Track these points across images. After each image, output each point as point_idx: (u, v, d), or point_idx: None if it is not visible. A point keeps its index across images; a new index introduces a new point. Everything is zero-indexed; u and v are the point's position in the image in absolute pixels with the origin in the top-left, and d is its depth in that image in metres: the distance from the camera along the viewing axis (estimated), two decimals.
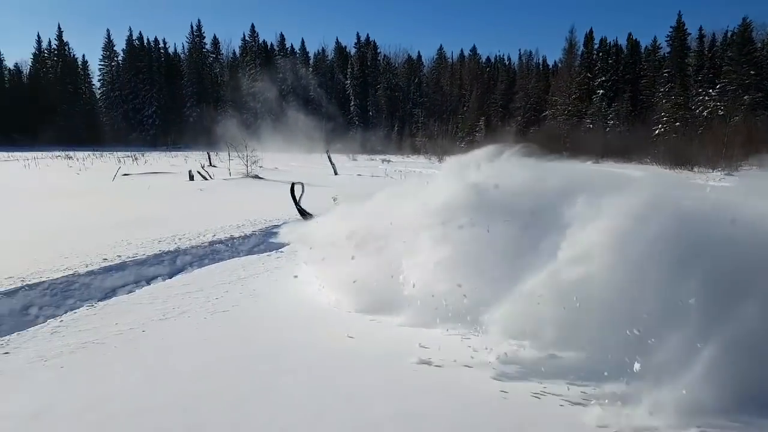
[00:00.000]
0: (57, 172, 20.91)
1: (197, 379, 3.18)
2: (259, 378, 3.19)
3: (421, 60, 72.05)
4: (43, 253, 6.18)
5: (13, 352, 3.59)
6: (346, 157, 36.83)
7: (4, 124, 56.02)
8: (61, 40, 64.37)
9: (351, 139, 52.64)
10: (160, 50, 67.84)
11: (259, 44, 68.94)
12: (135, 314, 4.41)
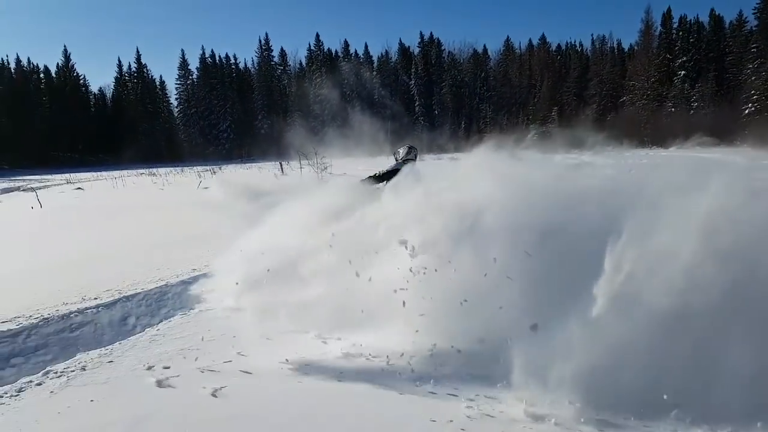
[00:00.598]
0: (143, 189, 22.27)
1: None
2: None
3: (487, 53, 70.93)
4: (139, 265, 6.60)
5: (117, 360, 3.87)
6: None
7: (91, 146, 60.84)
8: (140, 63, 68.86)
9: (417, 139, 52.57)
10: (231, 66, 71.02)
11: (324, 52, 70.55)
12: (226, 320, 4.63)
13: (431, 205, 4.08)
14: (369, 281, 3.78)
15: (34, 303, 5.11)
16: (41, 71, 63.98)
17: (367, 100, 63.09)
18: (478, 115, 62.37)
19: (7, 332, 4.45)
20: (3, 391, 3.38)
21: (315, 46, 71.50)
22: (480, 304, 3.39)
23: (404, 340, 3.61)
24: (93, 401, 3.20)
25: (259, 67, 71.22)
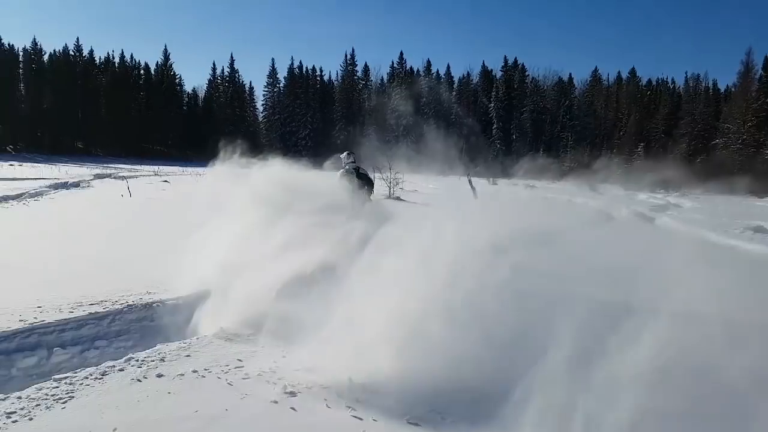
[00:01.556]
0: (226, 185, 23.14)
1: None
2: None
3: (573, 82, 69.31)
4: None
5: (194, 356, 3.98)
6: (486, 180, 36.20)
7: (179, 142, 64.54)
8: (233, 68, 72.81)
9: (492, 163, 51.92)
10: (316, 77, 73.54)
11: (406, 70, 71.51)
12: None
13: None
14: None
15: (122, 289, 5.40)
16: (142, 68, 68.80)
17: (443, 119, 63.02)
18: (558, 143, 60.77)
19: (95, 315, 4.71)
20: (88, 373, 3.55)
21: (398, 64, 72.69)
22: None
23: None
24: (170, 393, 3.30)
25: (342, 80, 73.23)
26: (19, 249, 7.43)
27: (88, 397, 3.21)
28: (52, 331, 4.36)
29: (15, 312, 4.50)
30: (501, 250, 4.59)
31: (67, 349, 4.28)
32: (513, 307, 3.53)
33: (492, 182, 35.61)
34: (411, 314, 3.52)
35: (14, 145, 53.43)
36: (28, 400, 3.09)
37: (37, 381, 3.62)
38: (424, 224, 4.77)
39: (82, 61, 63.98)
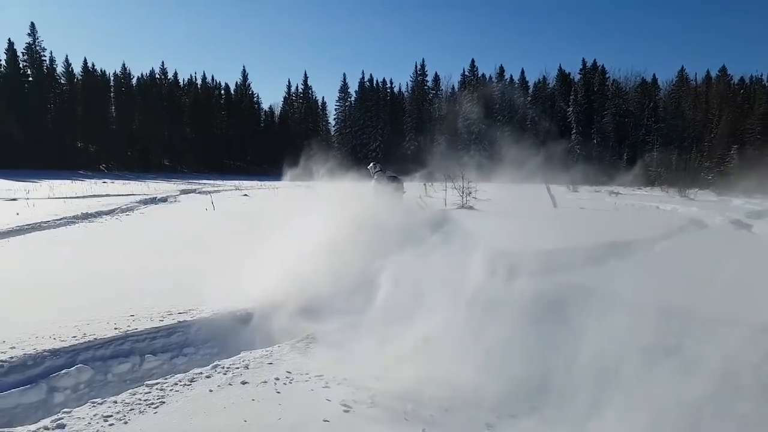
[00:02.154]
0: (298, 199, 23.76)
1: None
2: None
3: (657, 83, 65.74)
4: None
5: (276, 363, 4.04)
6: (566, 188, 34.90)
7: (258, 157, 67.38)
8: (306, 84, 75.64)
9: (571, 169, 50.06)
10: (387, 90, 74.50)
11: (477, 77, 70.80)
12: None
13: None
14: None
15: (207, 298, 5.59)
16: (222, 88, 72.71)
17: (517, 125, 61.76)
18: (643, 147, 57.62)
19: (183, 323, 4.89)
20: (177, 379, 3.68)
21: (469, 71, 72.12)
22: None
23: None
24: (254, 401, 3.35)
25: (412, 91, 73.71)
26: (113, 261, 7.91)
27: (178, 402, 3.32)
28: (144, 338, 4.57)
29: (110, 320, 4.76)
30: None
31: (158, 356, 4.46)
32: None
33: (572, 189, 34.15)
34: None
35: (107, 164, 57.81)
36: (123, 405, 3.23)
37: (131, 386, 3.80)
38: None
39: (167, 83, 68.50)
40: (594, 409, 3.04)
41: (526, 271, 7.72)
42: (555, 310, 4.67)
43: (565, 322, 4.15)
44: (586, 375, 3.28)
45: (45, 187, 27.50)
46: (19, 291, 5.88)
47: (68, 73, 61.27)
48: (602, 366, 3.64)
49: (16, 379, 3.72)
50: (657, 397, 3.07)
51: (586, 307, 5.48)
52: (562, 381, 3.45)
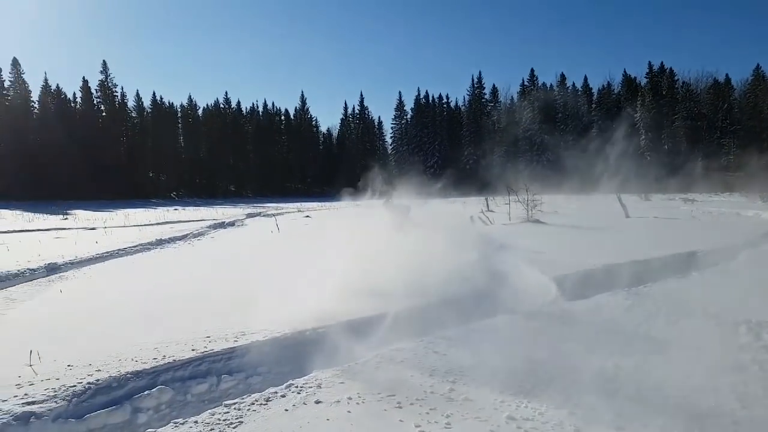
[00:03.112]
0: (356, 218, 23.84)
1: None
2: None
3: (730, 83, 62.10)
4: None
5: (347, 382, 4.01)
6: (637, 196, 33.33)
7: (317, 179, 68.88)
8: (363, 105, 77.21)
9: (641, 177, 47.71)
10: (443, 105, 74.54)
11: (537, 87, 69.46)
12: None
13: None
14: None
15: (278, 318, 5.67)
16: (282, 114, 75.21)
17: (582, 134, 59.81)
18: (719, 151, 54.31)
19: (256, 343, 4.97)
20: (254, 399, 3.73)
21: (529, 81, 70.91)
22: None
23: None
24: (328, 420, 3.33)
25: (469, 105, 73.28)
26: (186, 284, 8.23)
27: (255, 422, 3.35)
28: (220, 359, 4.68)
29: (187, 342, 4.92)
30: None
31: (234, 376, 4.54)
32: None
33: (644, 198, 32.54)
34: None
35: (177, 192, 60.80)
36: (204, 425, 3.30)
37: (209, 406, 3.88)
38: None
39: (231, 112, 71.56)
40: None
41: (595, 285, 7.42)
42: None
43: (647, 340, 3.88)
44: (676, 397, 3.03)
45: (121, 215, 29.22)
46: (101, 315, 6.21)
47: (139, 106, 65.45)
48: (692, 385, 3.39)
49: (102, 400, 3.89)
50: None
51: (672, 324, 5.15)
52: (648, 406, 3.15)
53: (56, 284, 8.67)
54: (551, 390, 3.75)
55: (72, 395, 3.78)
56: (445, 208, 27.21)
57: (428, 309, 6.26)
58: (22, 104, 55.51)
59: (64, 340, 5.15)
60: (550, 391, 3.72)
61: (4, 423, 3.34)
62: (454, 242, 10.80)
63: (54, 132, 53.14)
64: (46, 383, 3.96)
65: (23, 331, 5.58)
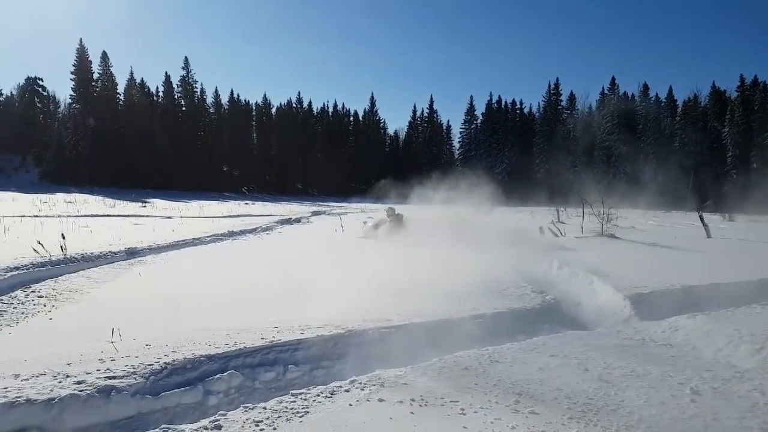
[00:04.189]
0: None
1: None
2: None
3: None
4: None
5: (410, 383, 3.99)
6: (720, 216, 31.30)
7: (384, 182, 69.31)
8: (432, 109, 76.71)
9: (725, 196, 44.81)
10: (516, 111, 73.07)
11: (618, 96, 66.57)
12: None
13: None
14: None
15: (340, 314, 5.75)
16: (351, 115, 76.33)
17: (664, 148, 56.85)
18: None
19: (321, 337, 5.07)
20: (319, 391, 3.80)
21: (609, 89, 68.10)
22: None
23: None
24: (391, 419, 3.33)
25: (544, 112, 71.30)
26: (256, 275, 8.51)
27: (321, 414, 3.41)
28: (287, 349, 4.80)
29: (257, 330, 5.09)
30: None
31: (299, 367, 4.65)
32: None
33: (727, 219, 30.38)
34: None
35: (247, 187, 63.01)
36: (272, 411, 3.39)
37: (276, 394, 3.99)
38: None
39: (302, 112, 73.44)
40: None
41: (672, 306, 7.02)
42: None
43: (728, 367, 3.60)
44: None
45: (195, 207, 30.66)
46: (176, 299, 6.53)
47: (216, 103, 68.54)
48: None
49: (177, 380, 4.08)
50: None
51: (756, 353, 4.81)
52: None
53: (135, 268, 9.20)
54: (621, 411, 3.58)
55: (150, 373, 3.99)
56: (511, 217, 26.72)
57: (493, 319, 6.16)
58: (109, 96, 59.67)
59: (142, 320, 5.46)
60: (621, 413, 3.56)
61: (88, 394, 3.56)
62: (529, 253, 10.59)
63: (136, 124, 56.67)
64: (126, 360, 4.20)
65: (105, 310, 5.96)
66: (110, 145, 55.23)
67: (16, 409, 3.30)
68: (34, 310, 5.99)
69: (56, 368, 3.93)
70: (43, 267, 8.36)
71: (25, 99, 66.23)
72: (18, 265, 8.00)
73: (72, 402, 3.47)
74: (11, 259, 8.25)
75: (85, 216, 19.81)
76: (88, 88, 58.97)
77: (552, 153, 64.52)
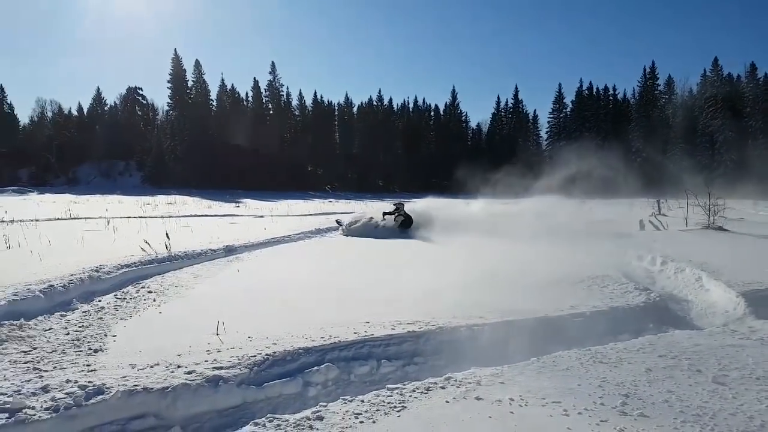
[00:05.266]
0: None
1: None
2: None
3: None
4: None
5: (507, 383, 3.90)
6: None
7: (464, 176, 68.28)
8: (517, 98, 74.00)
9: None
10: (608, 97, 69.27)
11: (722, 78, 61.17)
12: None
13: None
14: None
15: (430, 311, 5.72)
16: (432, 110, 75.68)
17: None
18: None
19: (412, 333, 5.06)
20: (414, 386, 3.81)
21: (711, 71, 62.74)
22: None
23: None
24: (491, 418, 3.26)
25: (639, 97, 66.98)
26: (344, 271, 8.71)
27: (418, 409, 3.41)
28: (379, 344, 4.85)
29: (349, 325, 5.18)
30: None
31: (392, 362, 4.68)
32: None
33: None
34: None
35: (330, 185, 64.44)
36: (370, 404, 3.44)
37: (371, 388, 4.04)
38: None
39: (383, 109, 73.91)
40: None
41: None
42: None
43: None
44: None
45: (283, 205, 31.84)
46: (272, 294, 6.81)
47: (301, 105, 70.82)
48: None
49: (278, 371, 4.24)
50: None
51: None
52: None
53: (233, 264, 9.66)
54: (741, 416, 3.30)
55: (253, 364, 4.17)
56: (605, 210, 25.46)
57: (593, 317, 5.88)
58: (203, 102, 63.33)
59: (243, 313, 5.72)
60: (740, 417, 3.27)
61: (198, 384, 3.78)
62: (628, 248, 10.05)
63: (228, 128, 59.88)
64: (230, 351, 4.42)
65: (208, 304, 6.31)
66: (205, 149, 58.76)
67: (135, 396, 3.56)
68: (144, 304, 6.45)
69: (168, 359, 4.20)
70: (150, 264, 9.00)
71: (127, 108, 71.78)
72: (128, 262, 8.64)
73: (184, 391, 3.69)
74: (122, 257, 8.94)
75: (185, 216, 21.12)
76: (184, 96, 63.06)
77: (649, 141, 60.45)
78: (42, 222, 16.37)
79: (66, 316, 6.00)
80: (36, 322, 5.66)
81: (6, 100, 66.87)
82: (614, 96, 69.40)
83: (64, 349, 4.55)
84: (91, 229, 14.31)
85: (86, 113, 70.20)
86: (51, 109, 69.77)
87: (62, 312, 6.12)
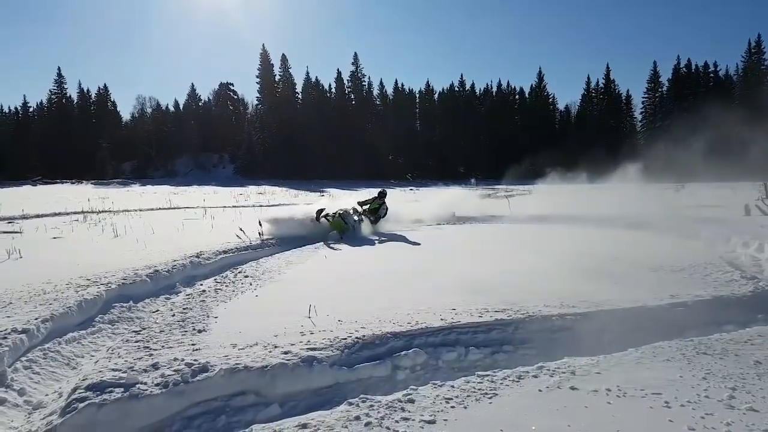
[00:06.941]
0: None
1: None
2: None
3: None
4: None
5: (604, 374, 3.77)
6: None
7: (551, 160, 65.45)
8: (608, 78, 69.69)
9: None
10: (709, 75, 63.94)
11: None
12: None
13: None
14: None
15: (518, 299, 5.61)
16: (517, 93, 73.19)
17: None
18: None
19: (500, 321, 4.99)
20: (505, 374, 3.77)
21: None
22: None
23: None
24: (586, 408, 3.18)
25: (744, 73, 61.27)
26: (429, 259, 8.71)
27: (510, 397, 3.37)
28: (466, 331, 4.82)
29: (436, 312, 5.19)
30: None
31: (480, 350, 4.63)
32: None
33: None
34: None
35: (411, 173, 64.41)
36: (461, 390, 3.45)
37: (460, 374, 4.04)
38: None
39: (465, 94, 72.48)
40: None
41: None
42: None
43: None
44: None
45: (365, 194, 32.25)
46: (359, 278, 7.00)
47: (382, 94, 71.13)
48: None
49: (367, 354, 4.34)
50: None
51: None
52: None
53: (320, 251, 9.98)
54: None
55: (344, 347, 4.30)
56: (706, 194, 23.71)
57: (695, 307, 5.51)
58: (289, 96, 65.41)
59: (332, 297, 5.90)
60: None
61: (294, 363, 3.95)
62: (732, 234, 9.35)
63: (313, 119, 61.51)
64: (322, 334, 4.58)
65: (299, 288, 6.57)
66: (291, 141, 60.85)
67: (236, 374, 3.78)
68: (242, 288, 6.82)
69: (266, 339, 4.43)
70: (245, 251, 9.55)
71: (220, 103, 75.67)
72: (226, 249, 9.22)
73: (281, 370, 3.87)
74: (220, 244, 9.53)
75: (274, 205, 22.01)
76: (272, 90, 65.60)
77: (757, 120, 55.10)
78: (145, 212, 17.73)
79: (171, 298, 6.49)
80: (143, 305, 6.19)
81: (110, 98, 72.67)
82: (715, 73, 63.86)
83: (170, 329, 4.91)
84: (190, 218, 15.31)
85: (182, 108, 74.91)
86: (150, 105, 75.22)
87: (167, 295, 6.64)
